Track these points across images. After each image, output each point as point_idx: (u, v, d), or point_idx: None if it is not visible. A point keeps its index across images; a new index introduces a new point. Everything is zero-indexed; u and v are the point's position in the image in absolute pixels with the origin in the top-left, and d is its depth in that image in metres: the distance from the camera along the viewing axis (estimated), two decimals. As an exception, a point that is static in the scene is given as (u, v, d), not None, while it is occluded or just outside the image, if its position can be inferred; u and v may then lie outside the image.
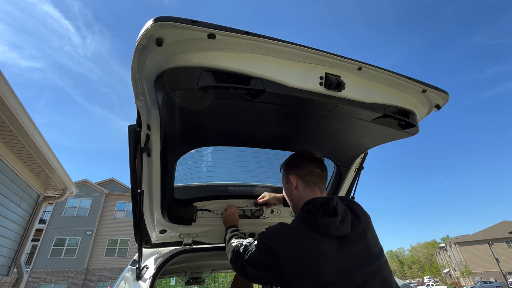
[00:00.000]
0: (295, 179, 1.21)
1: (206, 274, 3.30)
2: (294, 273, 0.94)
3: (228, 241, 1.34)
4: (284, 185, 1.30)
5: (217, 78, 0.88)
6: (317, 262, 0.94)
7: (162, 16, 0.79)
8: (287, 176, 1.25)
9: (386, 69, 1.09)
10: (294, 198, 1.23)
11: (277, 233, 1.05)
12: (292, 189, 1.23)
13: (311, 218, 1.03)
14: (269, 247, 1.01)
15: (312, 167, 1.21)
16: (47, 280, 19.83)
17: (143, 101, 1.07)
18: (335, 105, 1.08)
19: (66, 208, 22.57)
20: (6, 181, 5.13)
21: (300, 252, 0.97)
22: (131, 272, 1.70)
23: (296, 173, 1.22)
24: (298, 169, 1.22)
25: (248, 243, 1.17)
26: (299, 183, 1.20)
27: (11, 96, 3.90)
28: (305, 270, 0.94)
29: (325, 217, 1.01)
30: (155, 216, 1.61)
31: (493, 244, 28.91)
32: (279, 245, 0.99)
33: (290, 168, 1.26)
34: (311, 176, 1.19)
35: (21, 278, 5.90)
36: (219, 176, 1.81)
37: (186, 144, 1.37)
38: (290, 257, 0.97)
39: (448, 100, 1.26)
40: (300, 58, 0.98)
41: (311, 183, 1.19)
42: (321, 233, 0.99)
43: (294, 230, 1.04)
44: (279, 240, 1.02)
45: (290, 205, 1.31)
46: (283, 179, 1.32)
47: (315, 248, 0.97)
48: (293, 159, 1.28)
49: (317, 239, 0.99)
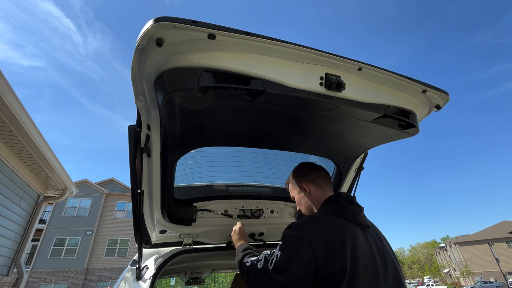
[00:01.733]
0: (307, 185, 1.28)
1: (206, 274, 3.30)
2: (329, 260, 0.92)
3: (240, 263, 1.22)
4: (297, 196, 1.34)
5: (217, 79, 0.88)
6: (349, 247, 0.95)
7: (162, 17, 0.79)
8: (299, 185, 1.31)
9: (386, 69, 1.09)
10: (309, 203, 1.27)
11: (305, 222, 1.05)
12: (306, 196, 1.28)
13: (340, 205, 1.10)
14: (300, 237, 0.97)
15: (318, 171, 1.32)
16: (47, 280, 19.83)
17: (143, 101, 1.07)
18: (335, 106, 1.08)
19: (66, 208, 22.57)
20: (6, 181, 5.13)
21: (333, 237, 0.97)
22: (131, 272, 1.70)
23: (306, 180, 1.29)
24: (307, 175, 1.30)
25: (267, 255, 1.07)
26: (311, 187, 1.27)
27: (11, 96, 3.90)
28: (339, 255, 0.93)
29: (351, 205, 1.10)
30: (155, 216, 1.61)
31: (493, 244, 28.90)
32: (310, 232, 0.97)
33: (298, 178, 1.33)
34: (320, 178, 1.29)
35: (21, 278, 5.89)
36: (219, 176, 1.81)
37: (186, 144, 1.37)
38: (324, 243, 0.95)
39: (449, 100, 1.26)
40: (300, 58, 0.98)
41: (321, 184, 1.27)
42: (349, 220, 1.06)
43: (321, 218, 1.07)
44: (310, 227, 1.00)
45: (305, 212, 1.32)
46: (294, 191, 1.35)
47: (346, 233, 1.00)
48: (297, 170, 1.36)
49: (346, 224, 1.04)
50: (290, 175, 1.40)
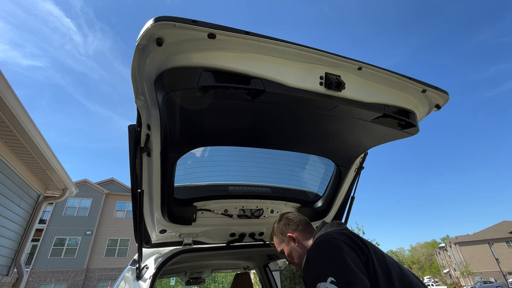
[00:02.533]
0: (293, 233, 1.27)
1: (206, 274, 3.31)
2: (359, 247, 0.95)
3: None
4: (286, 248, 1.29)
5: (217, 78, 0.89)
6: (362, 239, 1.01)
7: (162, 16, 0.79)
8: (285, 235, 1.30)
9: (386, 69, 1.09)
10: (300, 252, 1.23)
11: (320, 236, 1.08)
12: (295, 246, 1.25)
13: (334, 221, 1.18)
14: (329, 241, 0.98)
15: (299, 218, 1.34)
16: (47, 280, 19.83)
17: (143, 101, 1.07)
18: (335, 105, 1.08)
19: (66, 208, 22.57)
20: (6, 181, 5.13)
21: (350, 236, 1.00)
22: (131, 272, 1.70)
23: (291, 229, 1.30)
24: (290, 225, 1.31)
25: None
26: (298, 235, 1.26)
27: (11, 96, 3.89)
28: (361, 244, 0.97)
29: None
30: (155, 216, 1.61)
31: (493, 244, 28.89)
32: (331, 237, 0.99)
33: (282, 230, 1.32)
34: (302, 224, 1.31)
35: (21, 278, 5.89)
36: (219, 176, 1.81)
37: (186, 144, 1.37)
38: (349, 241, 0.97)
39: (448, 100, 1.26)
40: (300, 58, 0.98)
41: (307, 228, 1.29)
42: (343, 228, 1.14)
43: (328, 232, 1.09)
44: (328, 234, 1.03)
45: (299, 264, 1.25)
46: (282, 244, 1.32)
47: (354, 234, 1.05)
48: (278, 223, 1.37)
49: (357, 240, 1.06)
50: (272, 233, 1.40)
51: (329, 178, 1.90)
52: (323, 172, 1.90)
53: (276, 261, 2.97)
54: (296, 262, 1.27)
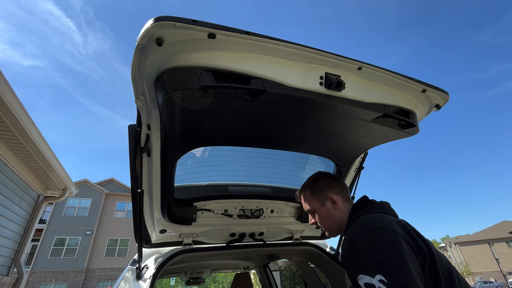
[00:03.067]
0: (335, 196, 1.18)
1: (206, 274, 3.31)
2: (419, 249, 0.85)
3: None
4: (320, 209, 1.20)
5: (217, 78, 0.89)
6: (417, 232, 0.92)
7: (162, 16, 0.79)
8: (326, 195, 1.19)
9: (386, 69, 1.09)
10: (337, 217, 1.16)
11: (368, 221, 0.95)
12: (333, 210, 1.17)
13: (378, 203, 1.08)
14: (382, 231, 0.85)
15: (342, 184, 1.26)
16: (47, 280, 19.83)
17: (143, 101, 1.07)
18: (335, 105, 1.08)
19: (66, 208, 22.58)
20: (6, 181, 5.13)
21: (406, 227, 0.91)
22: (131, 272, 1.70)
23: (334, 192, 1.20)
24: (333, 187, 1.21)
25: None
26: (339, 200, 1.18)
27: (11, 96, 3.89)
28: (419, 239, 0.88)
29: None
30: (155, 216, 1.61)
31: (493, 244, 28.90)
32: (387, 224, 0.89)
33: (323, 188, 1.21)
34: (345, 191, 1.22)
35: (21, 278, 5.89)
36: (219, 176, 1.81)
37: (186, 144, 1.37)
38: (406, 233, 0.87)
39: (448, 100, 1.26)
40: (300, 58, 0.98)
41: (347, 197, 1.21)
42: (391, 214, 1.04)
43: (376, 215, 0.99)
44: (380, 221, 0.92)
45: (329, 231, 1.21)
46: (315, 204, 1.21)
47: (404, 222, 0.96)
48: (320, 180, 1.24)
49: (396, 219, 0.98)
50: (307, 187, 1.27)
51: (329, 178, 1.90)
52: (323, 172, 1.90)
53: (276, 261, 2.97)
54: (325, 225, 1.21)
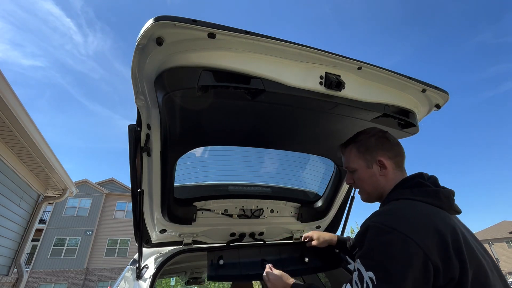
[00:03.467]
0: (386, 161, 1.00)
1: (206, 274, 3.30)
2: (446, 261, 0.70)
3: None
4: (364, 171, 1.03)
5: (217, 78, 0.89)
6: (461, 240, 0.74)
7: (163, 16, 0.79)
8: (374, 157, 1.01)
9: (386, 68, 1.09)
10: (381, 185, 0.99)
11: (396, 217, 0.78)
12: (378, 175, 1.00)
13: (430, 189, 0.86)
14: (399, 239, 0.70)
15: (399, 147, 1.05)
16: (47, 280, 19.83)
17: (143, 100, 1.07)
18: (335, 105, 1.09)
19: (66, 208, 22.58)
20: (6, 181, 5.13)
21: (441, 233, 0.73)
22: (131, 271, 1.70)
23: (387, 155, 1.01)
24: (387, 149, 1.02)
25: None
26: (390, 165, 0.99)
27: (11, 96, 3.90)
28: (456, 253, 0.71)
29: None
30: (155, 215, 1.61)
31: (493, 244, 28.90)
32: (412, 229, 0.71)
33: (375, 148, 1.02)
34: (401, 157, 1.03)
35: (21, 278, 5.89)
36: (219, 175, 1.81)
37: (186, 144, 1.37)
38: (434, 243, 0.70)
39: (448, 100, 1.26)
40: (300, 57, 0.98)
41: (401, 164, 1.02)
42: (444, 207, 0.84)
43: (412, 207, 0.82)
44: (408, 222, 0.74)
45: (366, 195, 1.06)
46: (360, 162, 1.04)
47: (450, 226, 0.76)
48: (374, 138, 1.04)
49: (444, 214, 0.81)
50: (355, 142, 1.08)
51: (329, 178, 1.91)
52: (323, 172, 1.90)
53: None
54: (364, 189, 1.05)
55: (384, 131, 1.09)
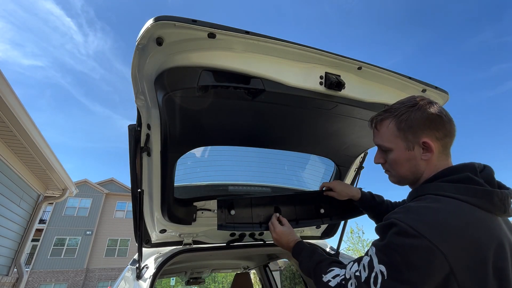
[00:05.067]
0: (433, 142, 0.79)
1: (206, 274, 3.31)
2: (476, 280, 0.61)
3: (314, 273, 0.92)
4: (402, 153, 0.83)
5: (217, 78, 0.89)
6: (506, 262, 0.63)
7: (163, 16, 0.79)
8: (419, 139, 0.80)
9: (386, 68, 1.10)
10: (420, 169, 0.81)
11: (428, 220, 0.65)
12: (420, 157, 0.81)
13: (482, 189, 0.69)
14: (425, 247, 0.61)
15: (451, 125, 0.82)
16: (47, 280, 19.83)
17: (143, 100, 1.07)
18: (335, 105, 1.09)
19: (66, 208, 22.57)
20: (6, 181, 5.13)
21: (481, 247, 0.62)
22: (131, 271, 1.70)
23: (434, 136, 0.79)
24: (436, 128, 0.79)
25: (356, 270, 0.74)
26: (436, 148, 0.79)
27: (11, 96, 3.90)
28: (494, 277, 0.61)
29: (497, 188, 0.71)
30: (155, 215, 1.61)
31: (493, 244, 28.83)
32: (442, 239, 0.61)
33: (420, 127, 0.80)
34: (449, 139, 0.81)
35: (21, 278, 5.89)
36: (219, 175, 1.81)
37: (186, 144, 1.37)
38: (465, 255, 0.61)
39: (448, 100, 1.27)
40: (300, 57, 0.98)
41: (448, 147, 0.82)
42: (497, 213, 0.69)
43: (456, 211, 0.66)
44: (440, 230, 0.62)
45: (399, 178, 0.88)
46: (398, 142, 0.83)
47: (497, 237, 0.64)
48: (425, 113, 0.80)
49: (493, 221, 0.67)
50: (395, 116, 0.84)
51: (329, 178, 1.90)
52: (323, 172, 1.90)
53: (276, 261, 2.97)
54: (397, 172, 0.87)
55: (434, 101, 0.84)
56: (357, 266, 0.76)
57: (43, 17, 46.53)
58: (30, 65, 53.61)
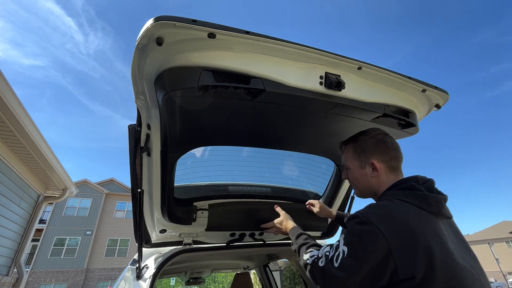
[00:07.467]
0: (379, 164, 1.04)
1: (206, 274, 3.31)
2: (411, 258, 0.78)
3: (298, 253, 1.12)
4: (357, 171, 1.10)
5: (217, 78, 0.89)
6: (434, 243, 0.81)
7: (163, 16, 0.79)
8: (368, 159, 1.06)
9: (386, 68, 1.09)
10: (373, 185, 1.06)
11: (377, 212, 0.88)
12: (370, 175, 1.06)
13: (419, 193, 0.91)
14: (371, 231, 0.82)
15: (396, 151, 1.08)
16: (47, 280, 19.84)
17: (143, 100, 1.07)
18: (335, 105, 1.09)
19: (66, 208, 22.58)
20: (6, 181, 5.13)
21: (414, 233, 0.81)
22: (131, 271, 1.70)
23: (381, 158, 1.05)
24: (382, 152, 1.06)
25: (327, 252, 0.94)
26: (382, 169, 1.04)
27: (11, 96, 3.90)
28: (423, 252, 0.79)
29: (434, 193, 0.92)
30: (155, 215, 1.61)
31: (493, 244, 28.87)
32: (385, 224, 0.82)
33: (369, 150, 1.07)
34: (396, 161, 1.06)
35: (21, 278, 5.90)
36: (219, 175, 1.81)
37: (186, 144, 1.37)
38: (402, 238, 0.80)
39: (448, 100, 1.27)
40: (300, 57, 0.98)
41: (395, 168, 1.06)
42: (432, 212, 0.89)
43: (398, 207, 0.89)
44: (384, 218, 0.84)
45: (358, 191, 1.15)
46: (354, 163, 1.11)
47: (431, 229, 0.84)
48: (375, 142, 1.08)
49: (429, 218, 0.88)
50: (353, 143, 1.14)
51: (329, 178, 1.90)
52: (323, 172, 1.90)
53: (276, 261, 2.97)
54: (356, 186, 1.13)
55: (385, 133, 1.12)
56: (328, 248, 0.96)
57: (44, 16, 46.56)
58: (31, 64, 53.64)
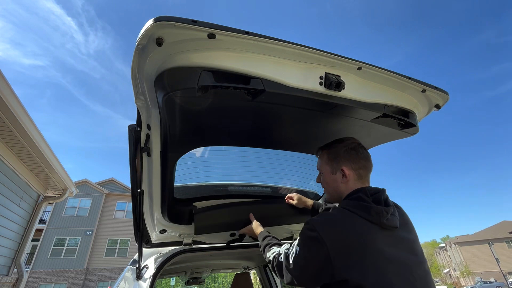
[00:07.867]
0: (348, 171, 1.12)
1: (206, 274, 3.31)
2: (345, 263, 0.89)
3: (263, 252, 1.28)
4: (329, 176, 1.18)
5: (217, 78, 0.89)
6: (369, 250, 0.90)
7: (162, 16, 0.79)
8: (339, 165, 1.14)
9: (386, 69, 1.09)
10: (340, 190, 1.14)
11: (322, 221, 1.00)
12: (340, 181, 1.14)
13: (363, 204, 1.00)
14: (315, 237, 0.94)
15: (365, 161, 1.16)
16: (47, 280, 19.84)
17: (143, 100, 1.07)
18: (335, 105, 1.09)
19: (66, 208, 22.58)
20: (6, 181, 5.13)
21: (351, 239, 0.92)
22: (131, 271, 1.70)
23: (351, 166, 1.13)
24: (353, 161, 1.13)
25: (286, 249, 1.09)
26: (351, 176, 1.12)
27: (11, 96, 3.90)
28: (357, 258, 0.89)
29: (378, 205, 1.00)
30: (155, 215, 1.61)
31: (493, 244, 28.86)
32: (326, 233, 0.94)
33: (341, 158, 1.15)
34: (364, 170, 1.14)
35: (21, 278, 5.90)
36: (219, 176, 1.81)
37: (186, 144, 1.37)
38: (340, 246, 0.91)
39: (448, 100, 1.27)
40: (300, 57, 0.98)
41: (363, 176, 1.14)
42: (372, 221, 0.96)
43: (339, 217, 1.00)
44: (326, 227, 0.96)
45: (329, 195, 1.23)
46: (327, 168, 1.19)
47: (367, 236, 0.93)
48: (347, 150, 1.15)
49: (369, 227, 0.95)
50: (328, 149, 1.21)
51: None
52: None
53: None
54: (327, 190, 1.23)
55: (358, 143, 1.19)
56: (288, 245, 1.12)
57: (44, 16, 46.55)
58: (31, 64, 53.66)
